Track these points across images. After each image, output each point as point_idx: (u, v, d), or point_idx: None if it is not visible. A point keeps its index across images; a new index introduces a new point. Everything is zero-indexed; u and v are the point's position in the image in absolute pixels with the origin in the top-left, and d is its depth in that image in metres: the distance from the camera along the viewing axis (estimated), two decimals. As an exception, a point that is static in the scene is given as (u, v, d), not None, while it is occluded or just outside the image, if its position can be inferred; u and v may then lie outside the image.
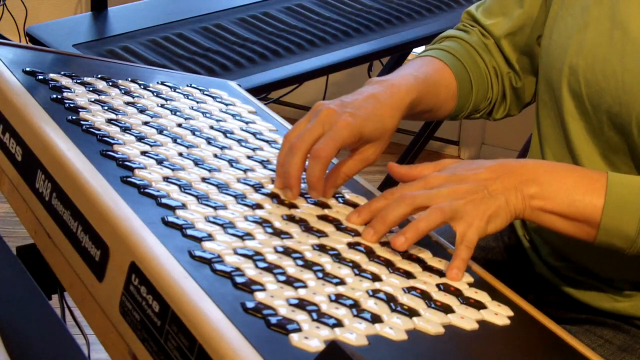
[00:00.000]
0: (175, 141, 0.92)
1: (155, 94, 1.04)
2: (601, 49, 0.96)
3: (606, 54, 0.95)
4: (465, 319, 0.76)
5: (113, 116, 0.94)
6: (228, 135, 0.98)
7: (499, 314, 0.79)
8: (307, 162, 0.88)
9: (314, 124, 0.89)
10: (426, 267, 0.83)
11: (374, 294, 0.74)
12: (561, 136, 1.03)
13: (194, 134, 0.95)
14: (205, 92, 1.10)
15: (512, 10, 1.10)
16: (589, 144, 1.00)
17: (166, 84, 1.09)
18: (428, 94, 1.02)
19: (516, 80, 1.13)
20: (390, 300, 0.74)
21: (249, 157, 0.94)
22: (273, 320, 0.65)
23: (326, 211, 0.87)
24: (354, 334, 0.67)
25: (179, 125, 0.97)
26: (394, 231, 0.85)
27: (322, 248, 0.79)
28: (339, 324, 0.67)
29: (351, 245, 0.82)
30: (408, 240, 0.83)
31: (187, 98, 1.06)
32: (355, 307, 0.71)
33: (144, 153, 0.87)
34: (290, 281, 0.71)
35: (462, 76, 1.09)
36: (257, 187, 0.87)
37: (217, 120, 1.02)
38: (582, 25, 0.98)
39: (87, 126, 0.89)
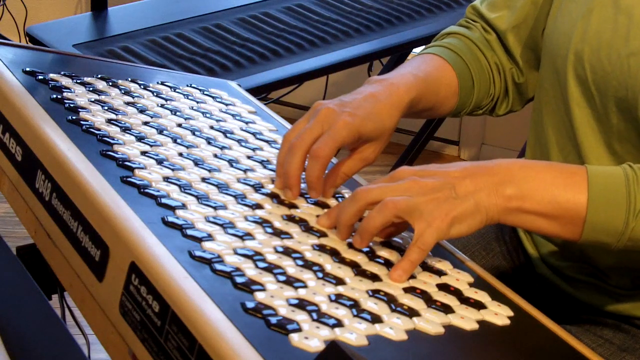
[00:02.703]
0: (175, 141, 0.92)
1: (155, 94, 1.04)
2: (606, 35, 0.96)
3: (611, 39, 0.96)
4: (465, 319, 0.76)
5: (113, 116, 0.94)
6: (228, 135, 0.98)
7: (499, 314, 0.79)
8: (307, 162, 0.88)
9: (313, 123, 0.89)
10: (426, 267, 0.83)
11: (374, 294, 0.74)
12: (565, 125, 1.03)
13: (194, 134, 0.95)
14: (205, 92, 1.10)
15: (516, 2, 1.10)
16: (594, 132, 0.99)
17: (166, 84, 1.09)
18: (428, 92, 1.02)
19: (519, 75, 1.13)
20: (390, 300, 0.74)
21: (249, 157, 0.94)
22: (273, 320, 0.65)
23: (326, 211, 0.87)
24: (354, 334, 0.67)
25: (179, 125, 0.97)
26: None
27: (322, 248, 0.79)
28: (339, 324, 0.67)
29: (351, 246, 0.82)
30: (364, 240, 0.81)
31: (187, 98, 1.06)
32: (355, 307, 0.71)
33: (144, 153, 0.87)
34: (290, 281, 0.71)
35: (464, 73, 1.09)
36: (257, 187, 0.87)
37: (217, 120, 1.02)
38: (586, 12, 0.99)
39: (87, 126, 0.89)
